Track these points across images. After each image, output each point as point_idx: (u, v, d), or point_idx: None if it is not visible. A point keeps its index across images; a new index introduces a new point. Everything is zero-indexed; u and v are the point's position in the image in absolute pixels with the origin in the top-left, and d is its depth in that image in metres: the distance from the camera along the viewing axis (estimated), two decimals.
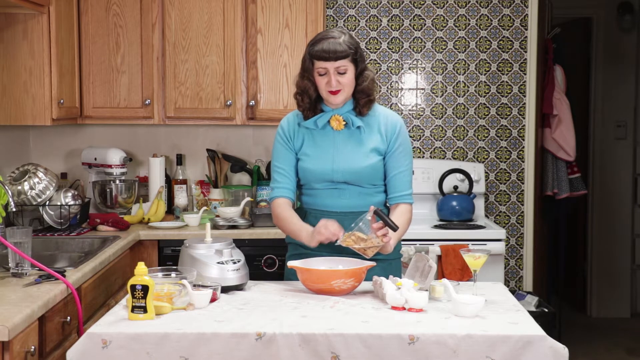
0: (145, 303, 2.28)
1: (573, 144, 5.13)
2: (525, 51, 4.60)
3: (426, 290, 2.50)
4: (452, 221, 4.30)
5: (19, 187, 3.60)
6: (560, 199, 5.22)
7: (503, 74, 4.61)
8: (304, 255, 2.81)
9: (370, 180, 2.83)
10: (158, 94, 4.10)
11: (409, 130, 4.59)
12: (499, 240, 4.03)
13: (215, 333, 2.18)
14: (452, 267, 3.90)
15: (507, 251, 4.64)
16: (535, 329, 2.24)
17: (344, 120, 2.82)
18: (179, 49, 4.08)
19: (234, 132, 4.47)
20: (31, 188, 3.61)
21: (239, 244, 3.18)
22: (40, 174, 3.66)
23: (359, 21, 4.59)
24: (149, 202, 4.11)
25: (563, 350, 2.18)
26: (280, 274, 3.20)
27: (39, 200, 3.64)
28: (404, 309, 2.40)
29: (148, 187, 4.23)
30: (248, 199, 4.06)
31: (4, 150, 3.99)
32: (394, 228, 2.64)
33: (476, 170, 4.51)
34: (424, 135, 4.65)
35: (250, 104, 4.10)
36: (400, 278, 2.56)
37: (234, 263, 2.64)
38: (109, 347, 2.17)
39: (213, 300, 2.47)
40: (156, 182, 4.17)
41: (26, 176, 3.64)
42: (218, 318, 2.31)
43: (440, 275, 3.85)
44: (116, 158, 4.10)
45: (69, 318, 2.63)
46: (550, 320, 4.21)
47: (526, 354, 2.16)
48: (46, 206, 3.65)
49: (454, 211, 4.33)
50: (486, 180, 4.63)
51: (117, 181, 4.13)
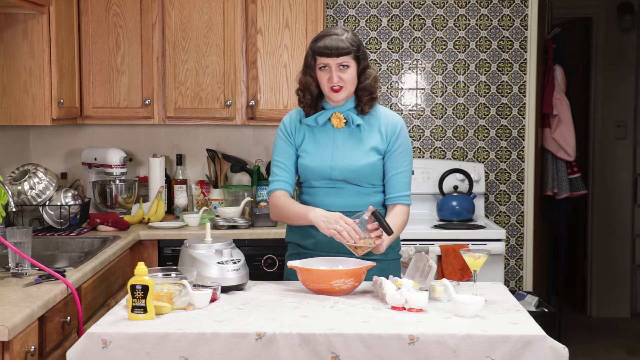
0: (145, 303, 2.28)
1: (573, 144, 5.13)
2: (525, 51, 4.60)
3: (426, 290, 2.50)
4: (452, 221, 4.30)
5: (19, 187, 3.60)
6: (560, 199, 5.23)
7: (503, 74, 4.61)
8: (304, 255, 2.81)
9: (369, 179, 2.83)
10: (158, 94, 4.10)
11: (409, 130, 4.59)
12: (499, 240, 4.03)
13: (215, 333, 2.18)
14: (452, 267, 3.90)
15: (507, 251, 4.64)
16: (535, 329, 2.24)
17: (344, 118, 2.82)
18: (179, 49, 4.08)
19: (234, 132, 4.47)
20: (31, 188, 3.61)
21: (239, 244, 3.18)
22: (40, 174, 3.66)
23: (359, 21, 4.59)
24: (149, 202, 4.11)
25: (563, 350, 2.18)
26: (280, 274, 3.20)
27: (39, 200, 3.63)
28: (404, 309, 2.40)
29: (148, 187, 4.23)
30: (248, 199, 4.05)
31: (4, 150, 3.98)
32: (389, 232, 2.64)
33: (476, 170, 4.51)
34: (424, 135, 4.65)
35: (250, 104, 4.10)
36: (400, 278, 2.56)
37: (234, 263, 2.64)
38: (109, 347, 2.17)
39: (213, 300, 2.47)
40: (156, 182, 4.17)
41: (26, 176, 3.64)
42: (218, 318, 2.31)
43: (440, 275, 3.85)
44: (116, 158, 4.10)
45: (69, 318, 2.63)
46: (550, 320, 4.21)
47: (526, 354, 2.16)
48: (46, 206, 3.65)
49: (454, 211, 4.33)
50: (486, 180, 4.63)
51: (117, 181, 4.13)
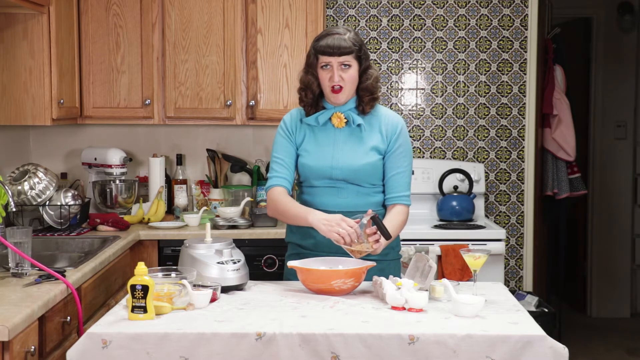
0: (145, 303, 2.28)
1: (573, 144, 5.13)
2: (525, 51, 4.60)
3: (426, 290, 2.50)
4: (452, 221, 4.30)
5: (19, 187, 3.60)
6: (560, 199, 5.22)
7: (503, 74, 4.61)
8: (304, 254, 2.81)
9: (369, 179, 2.83)
10: (158, 94, 4.10)
11: (409, 130, 4.59)
12: (499, 240, 4.03)
13: (215, 333, 2.18)
14: (452, 267, 3.90)
15: (507, 251, 4.64)
16: (535, 329, 2.24)
17: (345, 118, 2.82)
18: (179, 49, 4.08)
19: (234, 132, 4.47)
20: (31, 188, 3.61)
21: (239, 244, 3.18)
22: (40, 174, 3.66)
23: (359, 21, 4.59)
24: (149, 202, 4.11)
25: (563, 350, 2.18)
26: (280, 274, 3.20)
27: (39, 200, 3.63)
28: (404, 309, 2.40)
29: (148, 187, 4.23)
30: (248, 199, 4.05)
31: (4, 150, 3.98)
32: (387, 236, 2.64)
33: (476, 170, 4.51)
34: (424, 135, 4.65)
35: (250, 104, 4.10)
36: (400, 278, 2.56)
37: (234, 263, 2.64)
38: (109, 347, 2.17)
39: (213, 300, 2.47)
40: (156, 182, 4.17)
41: (26, 176, 3.64)
42: (218, 318, 2.31)
43: (440, 275, 3.85)
44: (116, 158, 4.10)
45: (69, 318, 2.63)
46: (550, 320, 4.21)
47: (526, 354, 2.16)
48: (46, 206, 3.65)
49: (454, 211, 4.33)
50: (486, 180, 4.63)
51: (117, 181, 4.12)
